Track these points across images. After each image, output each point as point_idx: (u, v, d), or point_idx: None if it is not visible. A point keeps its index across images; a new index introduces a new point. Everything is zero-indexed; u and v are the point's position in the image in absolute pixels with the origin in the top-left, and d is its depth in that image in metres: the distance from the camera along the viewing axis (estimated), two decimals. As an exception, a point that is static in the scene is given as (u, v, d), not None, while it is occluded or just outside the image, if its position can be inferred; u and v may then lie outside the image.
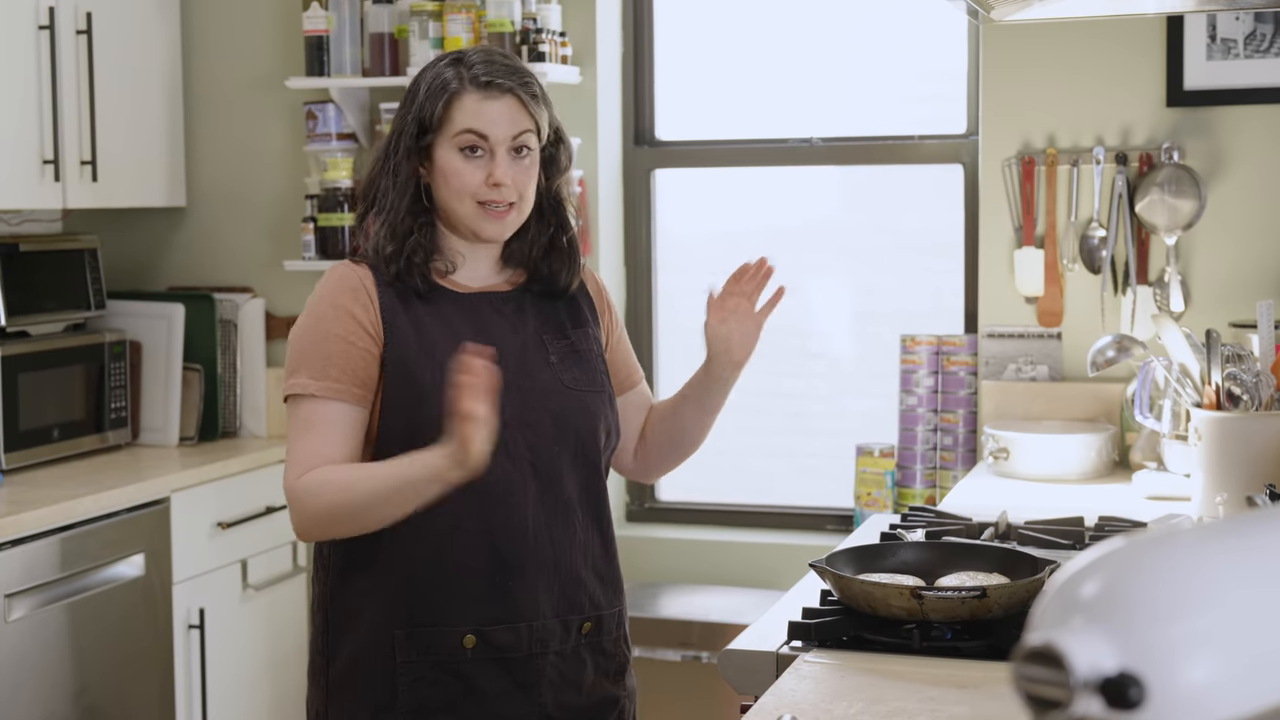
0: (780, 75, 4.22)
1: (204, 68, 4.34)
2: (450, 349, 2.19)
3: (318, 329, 2.24)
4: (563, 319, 2.36)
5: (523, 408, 2.25)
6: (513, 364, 2.25)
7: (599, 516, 2.35)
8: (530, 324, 2.32)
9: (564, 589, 2.27)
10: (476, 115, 2.24)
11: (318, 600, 2.32)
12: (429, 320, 2.25)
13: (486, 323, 2.29)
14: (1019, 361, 3.75)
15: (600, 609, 2.32)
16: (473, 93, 2.25)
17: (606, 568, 2.36)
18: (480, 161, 2.25)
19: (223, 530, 3.91)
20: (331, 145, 4.11)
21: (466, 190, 2.25)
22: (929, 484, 3.85)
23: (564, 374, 2.30)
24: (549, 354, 2.31)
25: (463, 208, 2.26)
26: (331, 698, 2.29)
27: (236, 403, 4.30)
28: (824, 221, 4.24)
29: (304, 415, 2.22)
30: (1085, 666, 0.93)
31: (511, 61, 2.30)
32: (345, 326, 2.22)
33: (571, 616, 2.28)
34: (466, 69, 2.26)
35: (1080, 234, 3.68)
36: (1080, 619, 0.95)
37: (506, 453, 2.22)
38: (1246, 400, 2.87)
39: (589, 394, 2.32)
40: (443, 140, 2.25)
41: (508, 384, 2.20)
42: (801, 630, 2.15)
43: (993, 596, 2.08)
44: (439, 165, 2.26)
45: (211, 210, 4.36)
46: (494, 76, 2.25)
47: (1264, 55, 3.54)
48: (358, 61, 4.08)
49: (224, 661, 3.92)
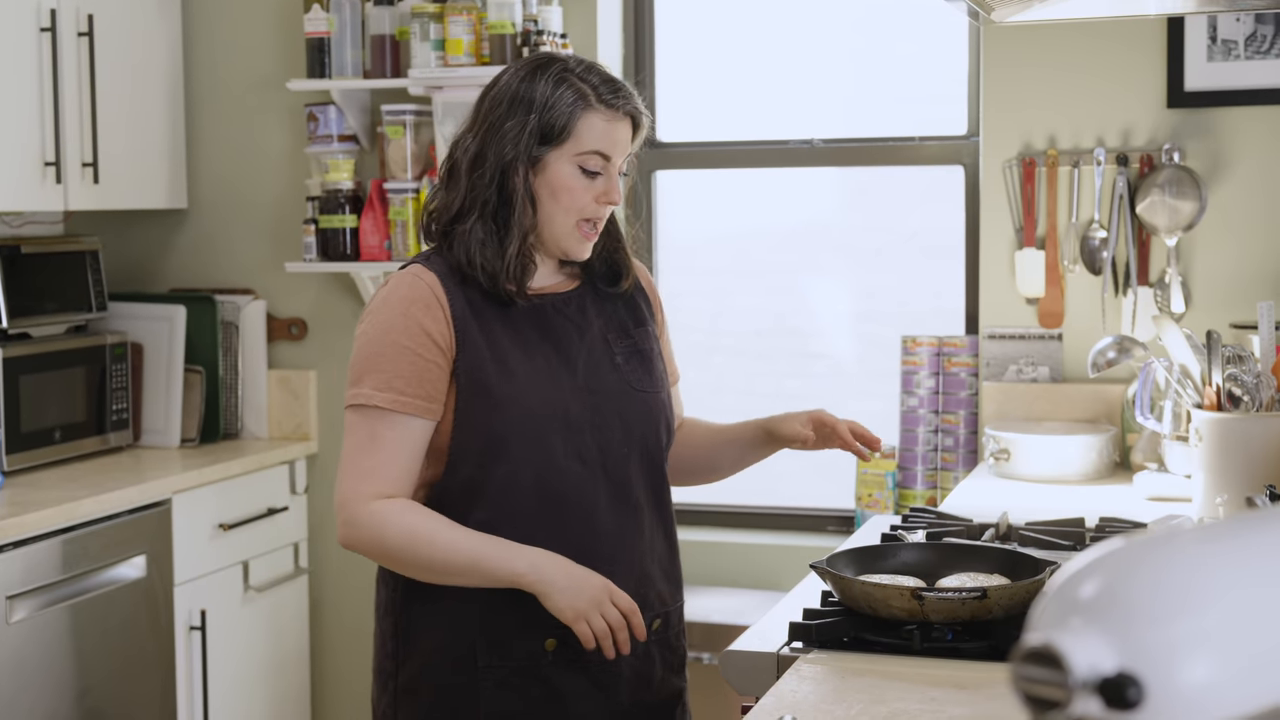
0: (781, 77, 4.22)
1: (205, 69, 4.34)
2: (521, 357, 2.22)
3: (385, 339, 2.21)
4: (624, 318, 2.37)
5: (593, 411, 2.26)
6: (581, 367, 2.27)
7: (664, 515, 2.37)
8: (594, 325, 2.32)
9: (636, 589, 2.29)
10: (604, 136, 2.23)
11: (386, 604, 2.30)
12: (499, 328, 2.24)
13: (553, 327, 2.28)
14: (1020, 363, 3.75)
15: (667, 606, 2.35)
16: (603, 111, 2.23)
17: (671, 565, 2.39)
18: (596, 180, 2.25)
19: (224, 532, 3.91)
20: (333, 147, 4.11)
21: (576, 207, 2.24)
22: (930, 485, 3.85)
23: (630, 375, 2.32)
24: (615, 355, 2.32)
25: (565, 223, 2.25)
26: (401, 702, 2.28)
27: (238, 404, 4.30)
28: (825, 223, 4.24)
29: (368, 427, 2.19)
30: (1084, 667, 0.93)
31: (624, 81, 2.29)
32: (414, 338, 2.20)
33: (643, 614, 2.29)
34: (590, 86, 2.23)
35: (1081, 235, 3.68)
36: (1079, 619, 0.95)
37: (579, 458, 2.24)
38: (1247, 401, 2.87)
39: (653, 395, 2.34)
40: (562, 154, 2.23)
41: (578, 388, 2.23)
42: (802, 631, 2.15)
43: (993, 597, 2.08)
44: (552, 178, 2.23)
45: (213, 212, 4.36)
46: (621, 99, 2.25)
47: (1265, 56, 3.54)
48: (359, 63, 4.08)
49: (225, 663, 3.92)
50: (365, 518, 2.16)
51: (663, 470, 2.36)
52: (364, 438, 2.18)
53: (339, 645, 4.32)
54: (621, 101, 2.25)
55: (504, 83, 2.26)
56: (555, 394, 2.23)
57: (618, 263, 2.37)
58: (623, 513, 2.28)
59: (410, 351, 2.19)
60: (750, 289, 4.29)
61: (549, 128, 2.21)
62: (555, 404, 2.22)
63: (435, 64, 3.93)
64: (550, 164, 2.23)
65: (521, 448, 2.19)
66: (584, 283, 2.36)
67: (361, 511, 2.16)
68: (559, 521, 2.23)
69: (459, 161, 2.26)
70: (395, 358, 2.19)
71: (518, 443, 2.19)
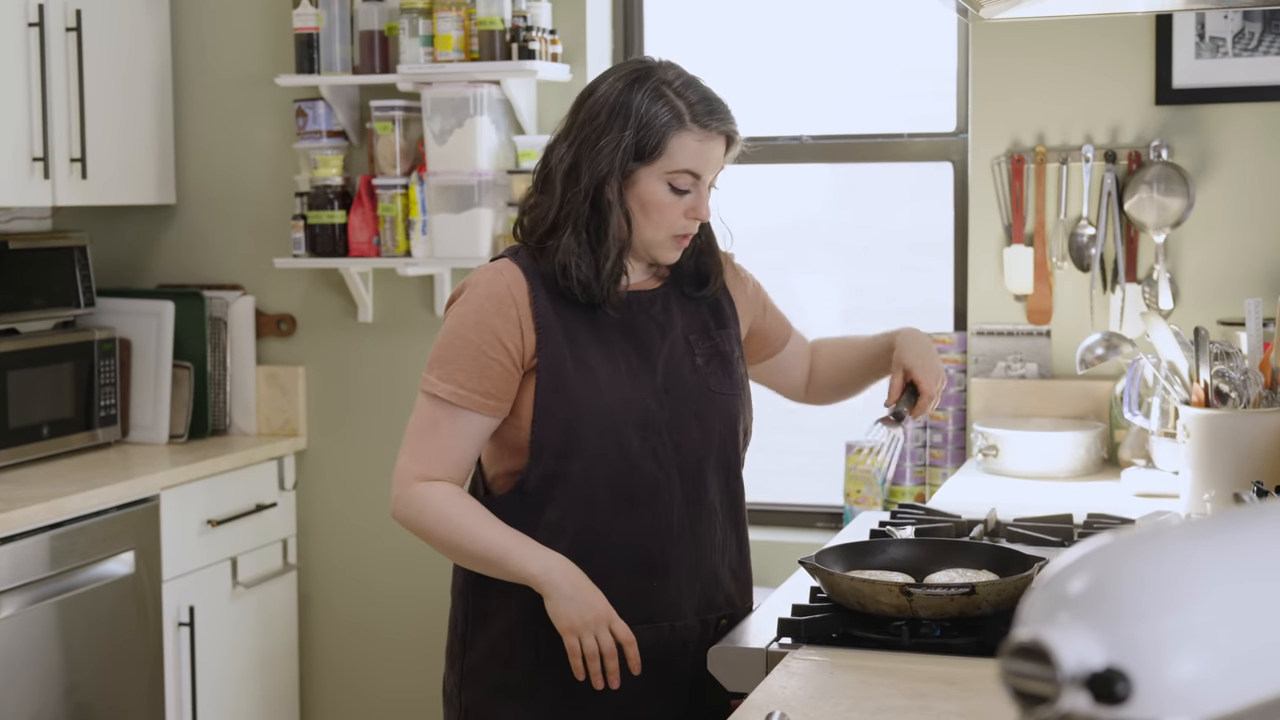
0: (770, 73, 4.22)
1: (194, 65, 4.33)
2: (601, 355, 2.25)
3: (456, 332, 2.26)
4: (707, 319, 2.38)
5: (671, 412, 2.28)
6: (661, 368, 2.29)
7: (737, 517, 2.40)
8: (677, 324, 2.34)
9: (704, 589, 2.32)
10: (697, 156, 2.24)
11: (459, 586, 2.36)
12: (582, 325, 2.26)
13: (636, 326, 2.30)
14: (1008, 359, 3.76)
15: (735, 606, 2.38)
16: (696, 131, 2.24)
17: (741, 567, 2.42)
18: (686, 197, 2.26)
19: (212, 528, 3.91)
20: (321, 143, 4.11)
21: (666, 223, 2.26)
22: (918, 481, 3.85)
23: (709, 377, 2.33)
24: (695, 356, 2.34)
25: (656, 236, 2.27)
26: (465, 682, 2.33)
27: (226, 400, 4.30)
28: (814, 219, 4.24)
29: (430, 413, 2.26)
30: (1072, 662, 0.93)
31: (720, 98, 2.29)
32: (483, 337, 2.23)
33: (710, 615, 2.33)
34: (686, 104, 2.24)
35: (1069, 232, 3.69)
36: (1067, 615, 0.95)
37: (655, 457, 2.26)
38: (1234, 398, 2.87)
39: (731, 397, 2.35)
40: (654, 172, 2.24)
41: (657, 388, 2.25)
42: (791, 627, 2.16)
43: (982, 593, 2.09)
44: (642, 193, 2.24)
45: (201, 208, 4.36)
46: (716, 119, 2.25)
47: (1252, 54, 3.55)
48: (348, 59, 4.07)
49: (214, 659, 3.92)
50: (410, 495, 2.24)
51: (738, 473, 2.39)
52: (425, 422, 2.26)
53: (328, 641, 4.31)
54: (716, 123, 2.25)
55: (601, 93, 2.26)
56: (633, 393, 2.25)
57: (707, 267, 2.39)
58: (696, 514, 2.31)
59: (476, 348, 2.23)
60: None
61: (643, 145, 2.22)
62: (633, 403, 2.25)
63: (424, 60, 3.92)
64: (641, 179, 2.24)
65: (596, 445, 2.23)
66: (669, 281, 2.37)
67: (408, 490, 2.25)
68: (631, 519, 2.26)
69: (554, 170, 2.27)
70: (462, 351, 2.24)
71: (593, 440, 2.22)
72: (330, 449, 4.29)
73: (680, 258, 2.35)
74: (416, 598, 4.19)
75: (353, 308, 4.24)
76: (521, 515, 2.27)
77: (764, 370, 2.60)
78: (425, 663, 4.18)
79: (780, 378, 2.62)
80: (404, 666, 4.24)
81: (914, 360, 2.44)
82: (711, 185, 2.30)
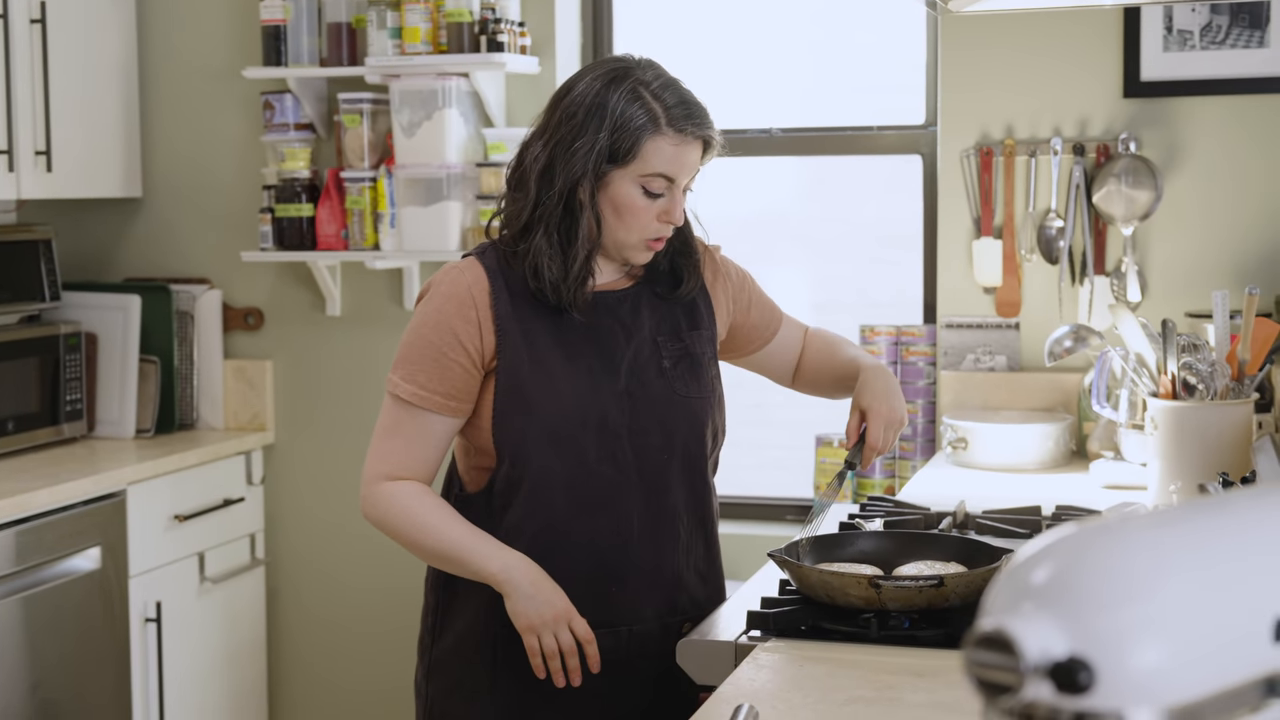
0: (739, 66, 4.23)
1: (160, 57, 4.31)
2: (562, 359, 2.24)
3: (418, 332, 2.26)
4: (679, 320, 2.36)
5: (632, 416, 2.27)
6: (625, 371, 2.27)
7: (704, 519, 2.38)
8: (645, 326, 2.32)
9: (665, 593, 2.31)
10: (671, 161, 2.23)
11: (432, 579, 2.38)
12: (543, 329, 2.25)
13: (602, 330, 2.28)
14: (977, 352, 3.77)
15: (701, 608, 2.36)
16: (671, 136, 2.22)
17: (709, 569, 2.40)
18: (659, 200, 2.24)
19: (180, 523, 3.89)
20: (289, 135, 4.10)
21: (638, 226, 2.24)
22: (888, 474, 3.86)
23: (676, 380, 2.32)
24: (663, 358, 2.32)
25: (628, 239, 2.26)
26: (431, 675, 2.35)
27: (193, 395, 4.28)
28: (783, 212, 4.25)
29: (394, 413, 2.28)
30: (1035, 651, 0.94)
31: (700, 102, 2.27)
32: (443, 338, 2.23)
33: (671, 619, 2.32)
34: (663, 107, 2.22)
35: (1038, 224, 3.71)
36: (1030, 604, 0.96)
37: (613, 461, 2.26)
38: (1202, 390, 2.89)
39: (698, 401, 2.34)
40: (627, 175, 2.22)
41: (619, 392, 2.24)
42: (760, 620, 2.16)
43: (950, 585, 2.10)
44: (615, 196, 2.23)
45: (168, 201, 4.34)
46: (693, 124, 2.23)
47: (1219, 47, 3.56)
48: (315, 51, 4.06)
49: (181, 655, 3.91)
50: (377, 495, 2.27)
51: (705, 475, 2.37)
52: (390, 422, 2.28)
53: (296, 637, 4.31)
54: (693, 128, 2.24)
55: (579, 92, 2.24)
56: (592, 398, 2.24)
57: (682, 269, 2.37)
58: (657, 517, 2.30)
59: (436, 349, 2.23)
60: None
61: (617, 147, 2.20)
62: (590, 408, 2.24)
63: (392, 52, 3.92)
64: (614, 182, 2.22)
65: (552, 450, 2.23)
66: (642, 281, 2.36)
67: (375, 490, 2.27)
68: (589, 523, 2.26)
69: (529, 169, 2.26)
70: (423, 352, 2.24)
71: (548, 444, 2.22)
72: (298, 443, 4.28)
73: (655, 258, 2.34)
74: (386, 592, 4.18)
75: (321, 301, 4.23)
76: (487, 515, 2.28)
77: (754, 359, 2.59)
78: (395, 658, 4.17)
79: (770, 366, 2.60)
80: (373, 661, 4.23)
81: (870, 402, 2.37)
82: (687, 189, 2.29)
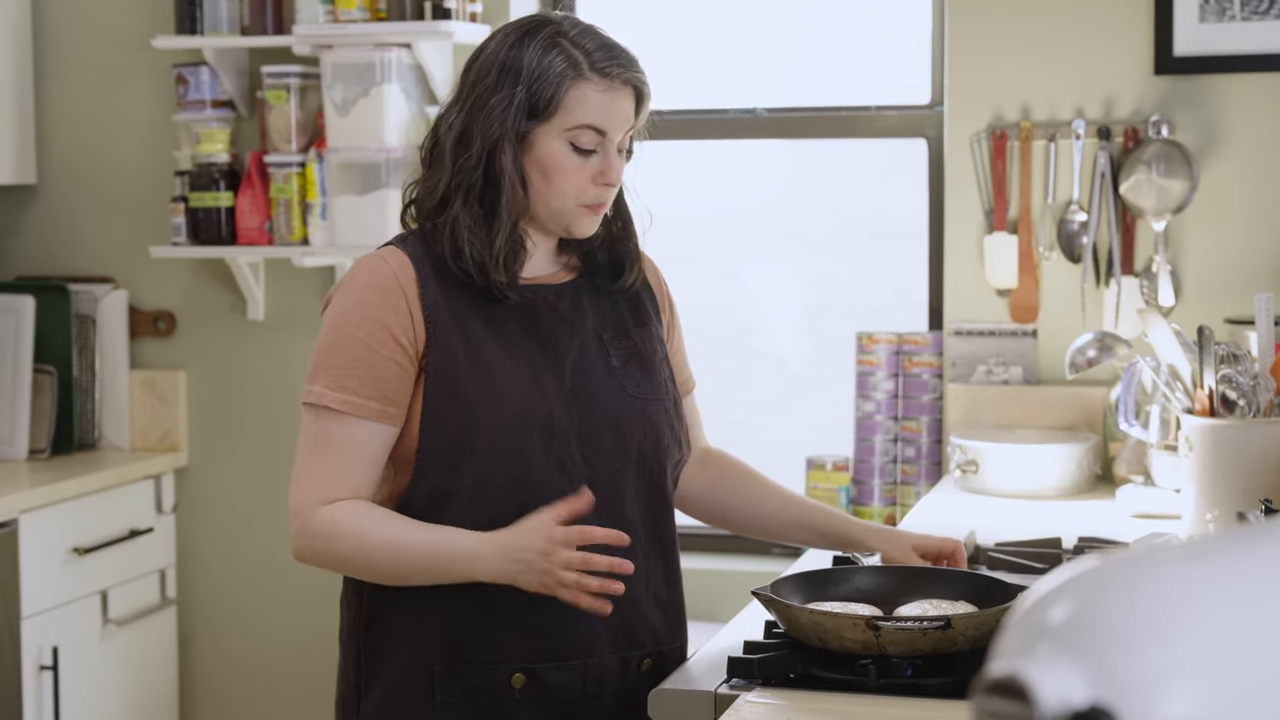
0: (719, 38, 4.24)
1: (57, 26, 4.31)
2: (500, 353, 2.24)
3: (341, 331, 2.24)
4: (624, 316, 2.38)
5: (580, 419, 2.27)
6: (570, 368, 2.28)
7: (663, 540, 2.38)
8: (589, 321, 2.34)
9: (623, 622, 2.29)
10: (600, 109, 2.24)
11: (348, 628, 2.34)
12: (477, 320, 2.26)
13: (541, 322, 2.30)
14: (989, 362, 3.79)
15: (662, 644, 2.36)
16: (596, 81, 2.24)
17: (670, 597, 2.39)
18: (591, 159, 2.26)
19: (79, 557, 3.89)
20: (205, 114, 4.10)
21: (572, 189, 2.26)
22: (888, 501, 3.88)
23: (626, 380, 2.33)
24: (610, 356, 2.33)
25: (563, 205, 2.27)
26: None
27: (95, 410, 4.28)
28: (769, 202, 4.27)
29: (321, 429, 2.23)
30: (1052, 699, 0.95)
31: (625, 46, 2.30)
32: (373, 333, 2.22)
33: (631, 653, 2.31)
34: (583, 52, 2.24)
35: (1058, 218, 3.73)
36: (1047, 647, 0.97)
37: (561, 470, 2.25)
38: (1243, 406, 2.91)
39: (653, 403, 2.35)
40: (551, 130, 2.24)
41: (564, 391, 2.24)
42: (743, 666, 2.17)
43: (958, 627, 2.11)
44: (541, 157, 2.24)
45: (66, 189, 4.34)
46: (619, 65, 2.25)
47: (1263, 17, 3.58)
48: (235, 18, 4.06)
49: (81, 707, 3.90)
50: (315, 527, 2.21)
51: (664, 489, 2.37)
52: (318, 440, 2.24)
53: (213, 682, 4.30)
54: (618, 70, 2.26)
55: (490, 50, 2.27)
56: (536, 397, 2.25)
57: (622, 255, 2.39)
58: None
59: (366, 347, 2.22)
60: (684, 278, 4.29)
61: (536, 100, 2.23)
62: (535, 407, 2.24)
63: (324, 19, 3.92)
64: (538, 140, 2.24)
65: (494, 454, 2.22)
66: (582, 275, 2.37)
67: (310, 519, 2.21)
68: None
69: (443, 140, 2.28)
70: (349, 352, 2.23)
71: (490, 449, 2.21)
72: (215, 466, 4.28)
73: (593, 247, 2.36)
74: (313, 633, 4.18)
75: (241, 304, 4.24)
76: None
77: None
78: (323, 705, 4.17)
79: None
80: (299, 709, 4.23)
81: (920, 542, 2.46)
82: (623, 150, 2.31)
